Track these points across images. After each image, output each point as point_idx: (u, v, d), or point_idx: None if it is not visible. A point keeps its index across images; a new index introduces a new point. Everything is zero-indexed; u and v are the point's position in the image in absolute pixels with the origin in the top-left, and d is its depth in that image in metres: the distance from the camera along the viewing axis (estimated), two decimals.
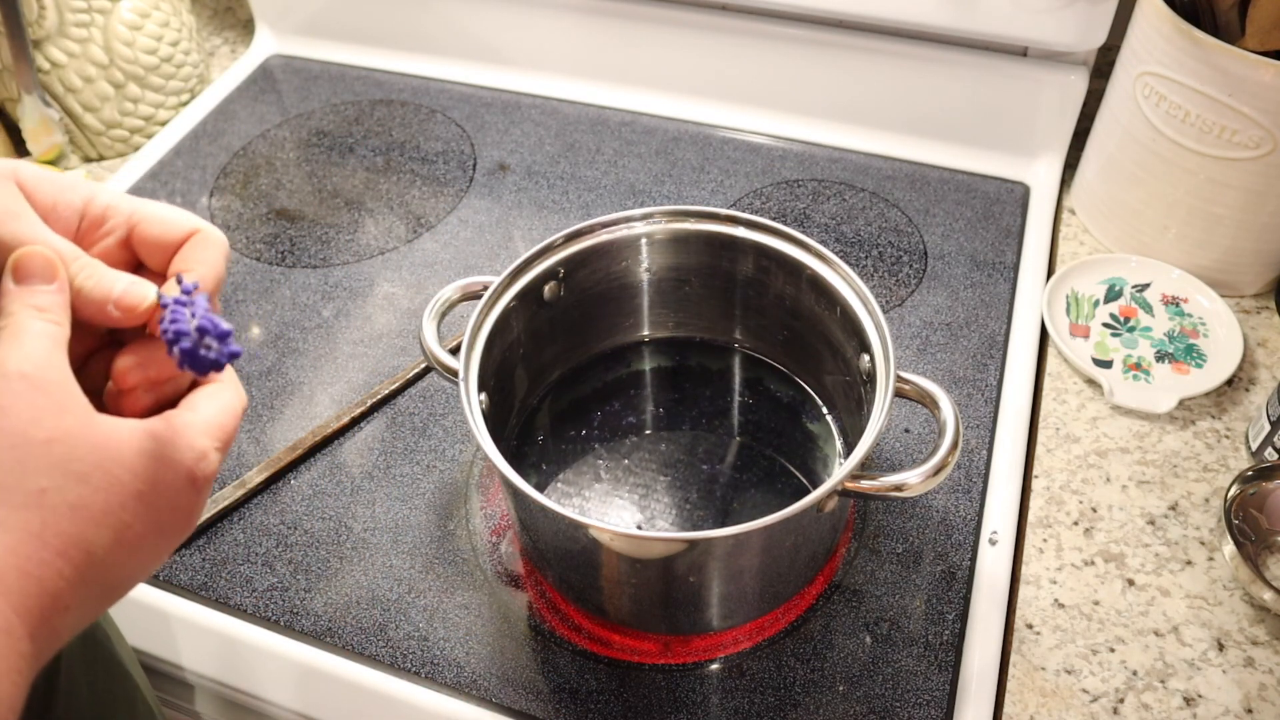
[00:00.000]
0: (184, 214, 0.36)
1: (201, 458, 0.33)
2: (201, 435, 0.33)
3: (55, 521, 0.29)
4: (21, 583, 0.28)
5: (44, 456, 0.29)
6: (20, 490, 0.29)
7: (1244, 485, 0.59)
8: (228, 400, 0.35)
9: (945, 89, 0.83)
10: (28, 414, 0.29)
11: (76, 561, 0.30)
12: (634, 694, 0.53)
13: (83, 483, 0.30)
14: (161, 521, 0.32)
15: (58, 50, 0.86)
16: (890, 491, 0.48)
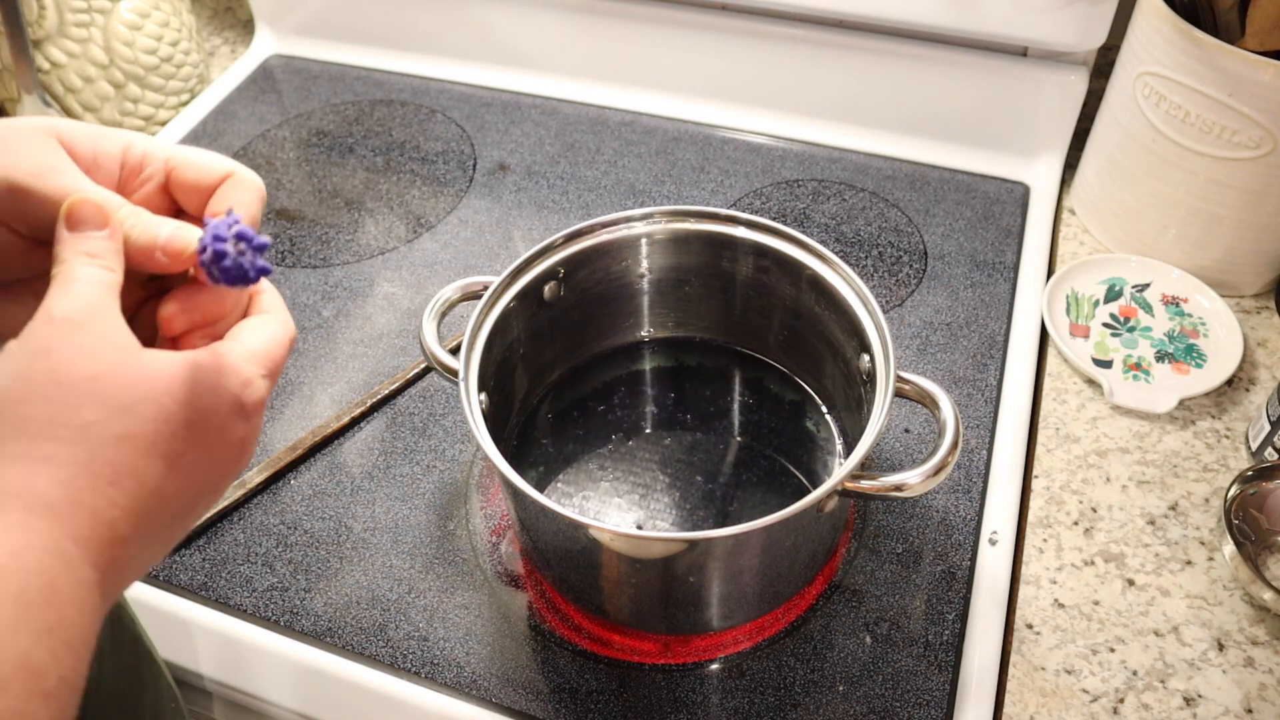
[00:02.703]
0: (219, 157, 0.37)
1: (247, 384, 0.33)
2: (247, 362, 0.34)
3: (103, 452, 0.29)
4: (74, 512, 0.29)
5: (89, 393, 0.30)
6: (67, 425, 0.29)
7: (1244, 485, 0.59)
8: (274, 329, 0.36)
9: (945, 89, 0.83)
10: (72, 354, 0.30)
11: (129, 490, 0.30)
12: (634, 694, 0.53)
13: (129, 413, 0.30)
14: (213, 450, 0.33)
15: (58, 50, 0.86)
16: (890, 491, 0.48)
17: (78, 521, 0.29)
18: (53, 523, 0.28)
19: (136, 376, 0.31)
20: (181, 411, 0.31)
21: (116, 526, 0.30)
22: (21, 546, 0.27)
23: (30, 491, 0.28)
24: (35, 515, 0.28)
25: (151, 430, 0.31)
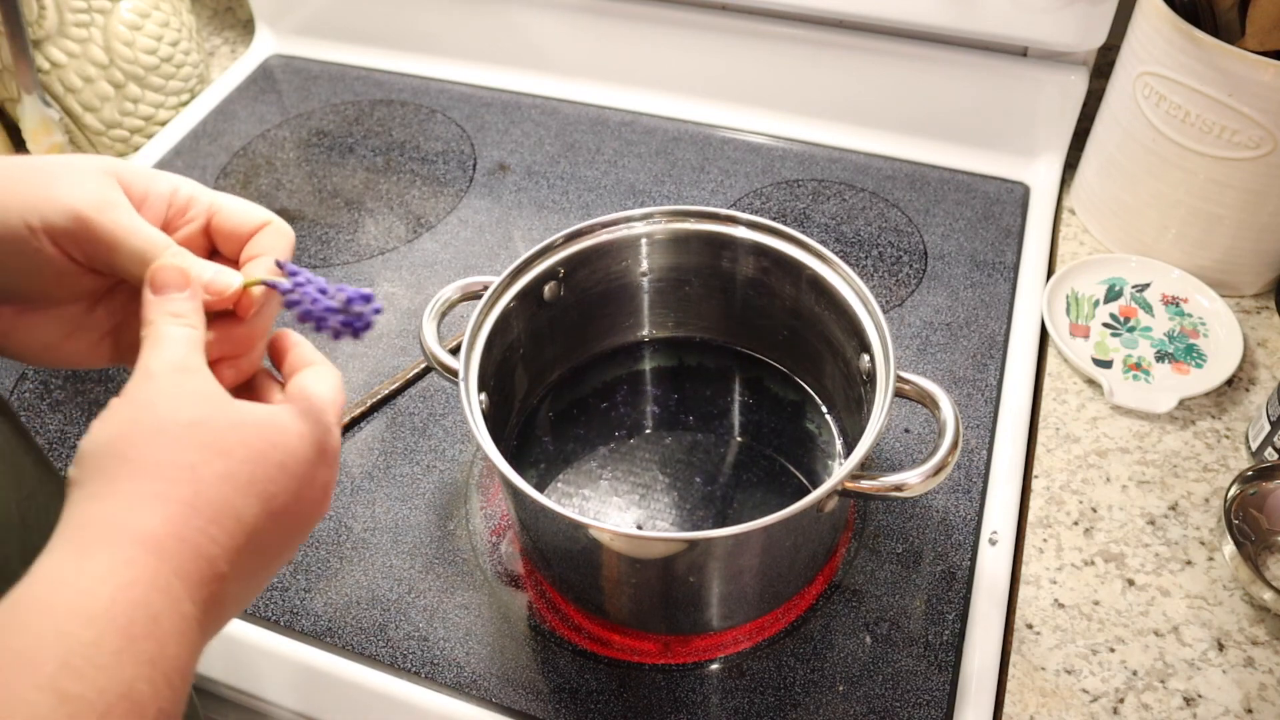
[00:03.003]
0: (257, 207, 0.40)
1: (328, 431, 0.36)
2: (324, 411, 0.36)
3: (206, 491, 0.31)
4: (179, 548, 0.30)
5: (190, 437, 0.32)
6: (173, 465, 0.31)
7: (1244, 485, 0.59)
8: (333, 378, 0.38)
9: (945, 89, 0.83)
10: (171, 404, 0.32)
11: (229, 528, 0.31)
12: (634, 694, 0.53)
13: (227, 456, 0.32)
14: (301, 493, 0.34)
15: (58, 50, 0.86)
16: (890, 491, 0.48)
17: (181, 558, 0.30)
18: (159, 558, 0.29)
19: (232, 422, 0.33)
20: (274, 453, 0.33)
21: (216, 563, 0.31)
22: (129, 581, 0.29)
23: (139, 528, 0.30)
24: (143, 550, 0.29)
25: (248, 471, 0.32)
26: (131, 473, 0.31)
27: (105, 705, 0.26)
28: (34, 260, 0.35)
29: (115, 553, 0.29)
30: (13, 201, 0.35)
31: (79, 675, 0.26)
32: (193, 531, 0.30)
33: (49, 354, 0.39)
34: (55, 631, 0.27)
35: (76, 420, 0.68)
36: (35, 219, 0.34)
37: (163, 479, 0.31)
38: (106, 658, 0.27)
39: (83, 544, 0.29)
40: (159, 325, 0.34)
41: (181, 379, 0.33)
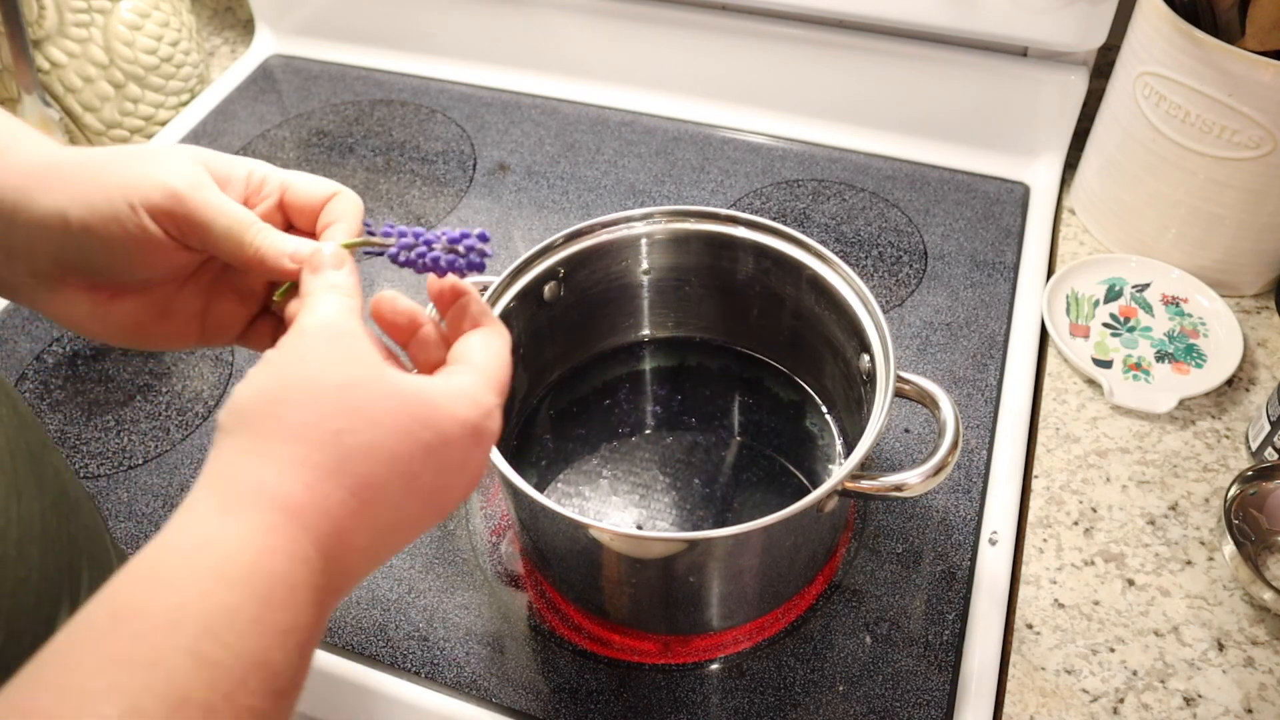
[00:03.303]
0: (325, 180, 0.41)
1: (488, 415, 0.35)
2: (486, 391, 0.35)
3: (350, 461, 0.31)
4: (319, 520, 0.30)
5: (339, 400, 0.31)
6: (319, 429, 0.31)
7: (1244, 485, 0.59)
8: (499, 348, 0.38)
9: (945, 89, 0.83)
10: (325, 362, 0.32)
11: (367, 500, 0.31)
12: (634, 694, 0.53)
13: (376, 427, 0.31)
14: (447, 476, 0.34)
15: (58, 50, 0.86)
16: (890, 491, 0.48)
17: (321, 530, 0.30)
18: (300, 527, 0.29)
19: (385, 392, 0.32)
20: (423, 433, 0.32)
21: (351, 537, 0.31)
22: (271, 548, 0.29)
23: (283, 495, 0.30)
24: (285, 518, 0.29)
25: (394, 446, 0.32)
26: (279, 433, 0.31)
27: (242, 672, 0.26)
28: (134, 237, 0.37)
29: (259, 517, 0.29)
30: (115, 182, 0.36)
31: (218, 640, 0.26)
32: (334, 504, 0.30)
33: (141, 335, 0.41)
34: (198, 592, 0.27)
35: (76, 420, 0.68)
36: (136, 197, 0.36)
37: (309, 443, 0.30)
38: (245, 624, 0.27)
39: (227, 502, 0.29)
40: (316, 293, 0.35)
41: (336, 339, 0.33)
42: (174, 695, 0.25)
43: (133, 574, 0.28)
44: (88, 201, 0.37)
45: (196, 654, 0.26)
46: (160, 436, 0.67)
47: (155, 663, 0.25)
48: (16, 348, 0.73)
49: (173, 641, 0.26)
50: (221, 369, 0.71)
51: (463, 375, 0.35)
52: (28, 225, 0.37)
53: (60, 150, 0.39)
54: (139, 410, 0.69)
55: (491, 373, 0.36)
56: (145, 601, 0.27)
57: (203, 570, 0.27)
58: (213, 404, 0.69)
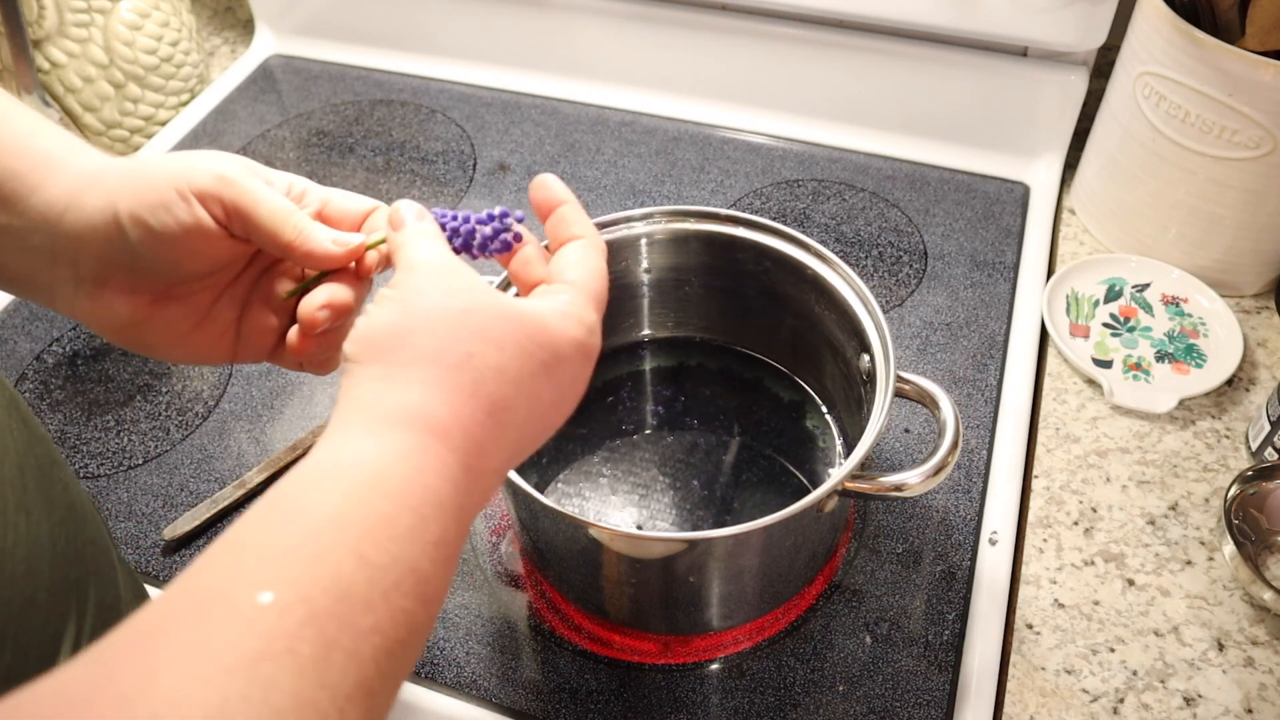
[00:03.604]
0: (363, 197, 0.43)
1: (591, 332, 0.37)
2: (588, 309, 0.37)
3: (484, 382, 0.32)
4: (463, 439, 0.32)
5: (464, 324, 0.33)
6: (453, 353, 0.32)
7: (1244, 485, 0.59)
8: (595, 262, 0.39)
9: (945, 89, 0.83)
10: (444, 291, 0.34)
11: (500, 420, 0.33)
12: (634, 694, 0.53)
13: (500, 349, 0.33)
14: (561, 392, 0.36)
15: (58, 50, 0.86)
16: (890, 491, 0.48)
17: (464, 449, 0.32)
18: (446, 447, 0.31)
19: (503, 314, 0.34)
20: (540, 353, 0.34)
21: (488, 457, 0.33)
22: (422, 465, 0.30)
23: (429, 414, 0.31)
24: (433, 437, 0.31)
25: (518, 366, 0.33)
26: (414, 358, 0.32)
27: (397, 576, 0.28)
28: (183, 224, 0.38)
29: (408, 437, 0.30)
30: (164, 172, 0.38)
31: (377, 545, 0.28)
32: (474, 424, 0.32)
33: (180, 345, 0.42)
34: (359, 499, 0.28)
35: (76, 420, 0.68)
36: (185, 184, 0.38)
37: (443, 365, 0.32)
38: (401, 532, 0.28)
39: (373, 424, 0.31)
40: (410, 240, 0.37)
41: (447, 271, 0.35)
42: (339, 588, 0.26)
43: (295, 485, 0.29)
44: (137, 193, 0.38)
45: (359, 554, 0.27)
46: (160, 436, 0.67)
47: (322, 558, 0.27)
48: (16, 348, 0.73)
49: (338, 540, 0.27)
50: (222, 369, 0.71)
51: (565, 294, 0.37)
52: (75, 225, 0.38)
53: (111, 159, 0.40)
54: (139, 410, 0.69)
55: (591, 289, 0.38)
56: (310, 505, 0.28)
57: (361, 482, 0.29)
58: (213, 404, 0.69)
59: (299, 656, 0.24)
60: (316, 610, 0.25)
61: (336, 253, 0.40)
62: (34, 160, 0.39)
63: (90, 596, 0.37)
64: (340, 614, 0.26)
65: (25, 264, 0.40)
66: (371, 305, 0.34)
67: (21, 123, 0.40)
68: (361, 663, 0.26)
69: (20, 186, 0.39)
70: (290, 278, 0.43)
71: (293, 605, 0.25)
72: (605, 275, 0.39)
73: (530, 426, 0.35)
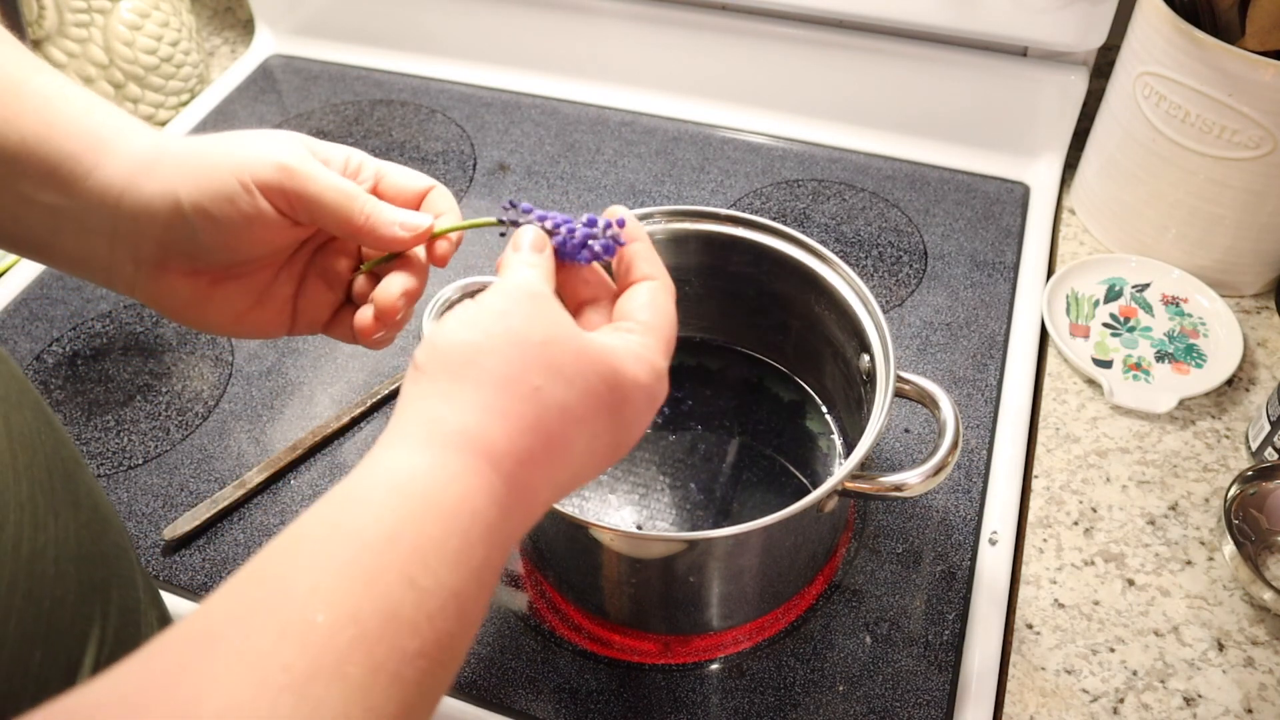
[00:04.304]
0: (419, 174, 0.43)
1: (660, 378, 0.37)
2: (660, 355, 0.37)
3: (546, 418, 0.33)
4: (515, 469, 0.32)
5: (539, 356, 0.33)
6: (522, 383, 0.32)
7: (1244, 485, 0.59)
8: (668, 306, 0.39)
9: (945, 89, 0.83)
10: (526, 319, 0.34)
11: (555, 455, 0.33)
12: (634, 694, 0.53)
13: (569, 386, 0.33)
14: (620, 435, 0.36)
15: (58, 50, 0.86)
16: (890, 491, 0.48)
17: (515, 478, 0.32)
18: (499, 474, 0.31)
19: (578, 351, 0.34)
20: (609, 395, 0.34)
21: (537, 489, 0.33)
22: (474, 490, 0.30)
23: (487, 440, 0.31)
24: (488, 464, 0.31)
25: (583, 406, 0.34)
26: (484, 382, 0.32)
27: (442, 599, 0.28)
28: (246, 214, 0.38)
29: (464, 460, 0.31)
30: (226, 162, 0.38)
31: (426, 567, 0.28)
32: (528, 456, 0.32)
33: (238, 323, 0.42)
34: (413, 519, 0.29)
35: (76, 420, 0.68)
36: (248, 175, 0.38)
37: (510, 394, 0.32)
38: (450, 556, 0.29)
39: (432, 441, 0.31)
40: (514, 265, 0.37)
41: (535, 299, 0.35)
42: (387, 610, 0.26)
43: (346, 497, 0.29)
44: (200, 182, 0.38)
45: (408, 577, 0.27)
46: (160, 436, 0.67)
47: (374, 579, 0.27)
48: (17, 348, 0.73)
49: (390, 562, 0.27)
50: (222, 369, 0.71)
51: (639, 335, 0.37)
52: (134, 208, 0.38)
53: (166, 138, 0.40)
54: (139, 410, 0.69)
55: (665, 335, 0.38)
56: (362, 523, 0.28)
57: (414, 501, 0.29)
58: (213, 404, 0.69)
59: (347, 679, 0.25)
60: (366, 632, 0.26)
61: (405, 237, 0.40)
62: (88, 140, 0.39)
63: (113, 599, 0.37)
64: (388, 636, 0.26)
65: (83, 245, 0.40)
66: (451, 315, 0.34)
67: (73, 102, 0.40)
68: (405, 685, 0.26)
69: (76, 168, 0.39)
70: (346, 253, 0.44)
71: (343, 625, 0.25)
72: (676, 321, 0.39)
73: (584, 464, 0.35)
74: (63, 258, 0.41)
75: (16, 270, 0.79)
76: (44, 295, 0.77)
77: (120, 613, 0.37)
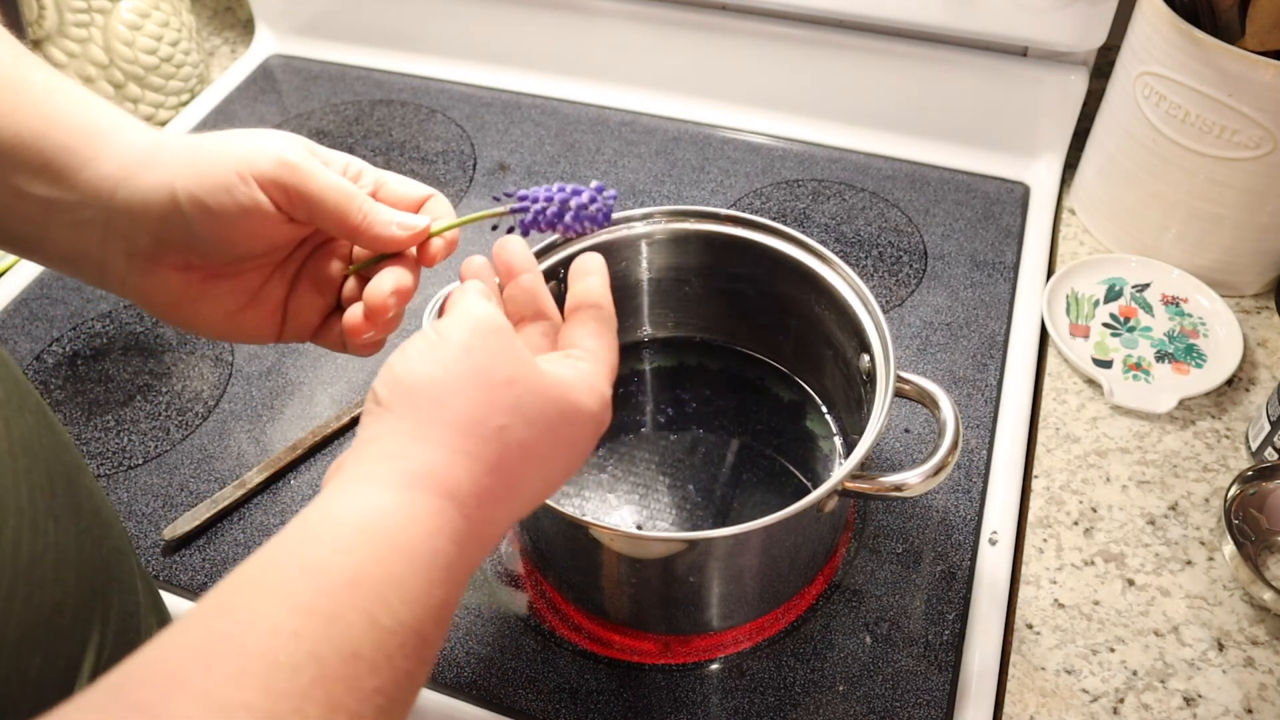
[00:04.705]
0: (418, 183, 0.44)
1: (605, 407, 0.38)
2: (605, 383, 0.38)
3: (508, 456, 0.33)
4: (477, 510, 0.32)
5: (504, 397, 0.33)
6: (487, 424, 0.33)
7: (1244, 485, 0.59)
8: (612, 338, 0.40)
9: (945, 89, 0.83)
10: (490, 356, 0.34)
11: (513, 491, 0.34)
12: (634, 694, 0.53)
13: (531, 425, 0.34)
14: (570, 463, 0.37)
15: (58, 50, 0.86)
16: (890, 491, 0.48)
17: (475, 517, 0.32)
18: (461, 515, 0.32)
19: (540, 390, 0.35)
20: (565, 429, 0.35)
21: (495, 524, 0.34)
22: (436, 529, 0.31)
23: (452, 481, 0.32)
24: (450, 504, 0.32)
25: (542, 444, 0.34)
26: (449, 423, 0.32)
27: (402, 637, 0.28)
28: (243, 207, 0.38)
29: (427, 500, 0.31)
30: (227, 156, 0.38)
31: (388, 607, 0.28)
32: (489, 495, 0.33)
33: (228, 323, 0.42)
34: (376, 559, 0.29)
35: (76, 420, 0.68)
36: (246, 168, 0.38)
37: (475, 436, 0.32)
38: (411, 595, 0.29)
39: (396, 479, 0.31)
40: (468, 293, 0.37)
41: (496, 333, 0.35)
42: (348, 649, 0.27)
43: (312, 531, 0.30)
44: (197, 174, 0.38)
45: (370, 616, 0.28)
46: (160, 436, 0.67)
47: (336, 618, 0.27)
48: (17, 348, 0.73)
49: (352, 601, 0.28)
50: (222, 369, 0.71)
51: (588, 364, 0.38)
52: (129, 201, 0.38)
53: (165, 135, 0.40)
54: (139, 410, 0.69)
55: (610, 362, 0.39)
56: (328, 560, 0.29)
57: (379, 540, 0.29)
58: (213, 404, 0.69)
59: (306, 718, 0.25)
60: (327, 671, 0.26)
61: (402, 236, 0.41)
62: (85, 134, 0.39)
63: (114, 604, 0.37)
64: (347, 675, 0.26)
65: (76, 239, 0.40)
66: (411, 345, 0.34)
67: (71, 97, 0.40)
68: None
69: (72, 160, 0.39)
70: (339, 257, 0.44)
71: (305, 664, 0.26)
72: (617, 349, 0.40)
73: (537, 494, 0.36)
74: (54, 253, 0.41)
75: (16, 270, 0.79)
76: (44, 295, 0.77)
77: (120, 617, 0.37)
